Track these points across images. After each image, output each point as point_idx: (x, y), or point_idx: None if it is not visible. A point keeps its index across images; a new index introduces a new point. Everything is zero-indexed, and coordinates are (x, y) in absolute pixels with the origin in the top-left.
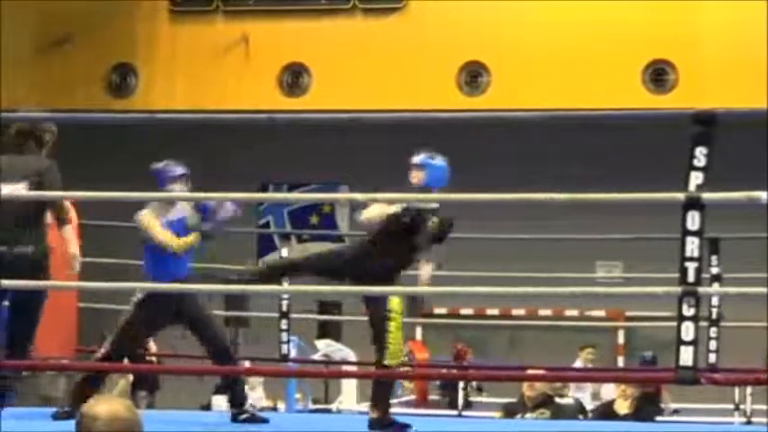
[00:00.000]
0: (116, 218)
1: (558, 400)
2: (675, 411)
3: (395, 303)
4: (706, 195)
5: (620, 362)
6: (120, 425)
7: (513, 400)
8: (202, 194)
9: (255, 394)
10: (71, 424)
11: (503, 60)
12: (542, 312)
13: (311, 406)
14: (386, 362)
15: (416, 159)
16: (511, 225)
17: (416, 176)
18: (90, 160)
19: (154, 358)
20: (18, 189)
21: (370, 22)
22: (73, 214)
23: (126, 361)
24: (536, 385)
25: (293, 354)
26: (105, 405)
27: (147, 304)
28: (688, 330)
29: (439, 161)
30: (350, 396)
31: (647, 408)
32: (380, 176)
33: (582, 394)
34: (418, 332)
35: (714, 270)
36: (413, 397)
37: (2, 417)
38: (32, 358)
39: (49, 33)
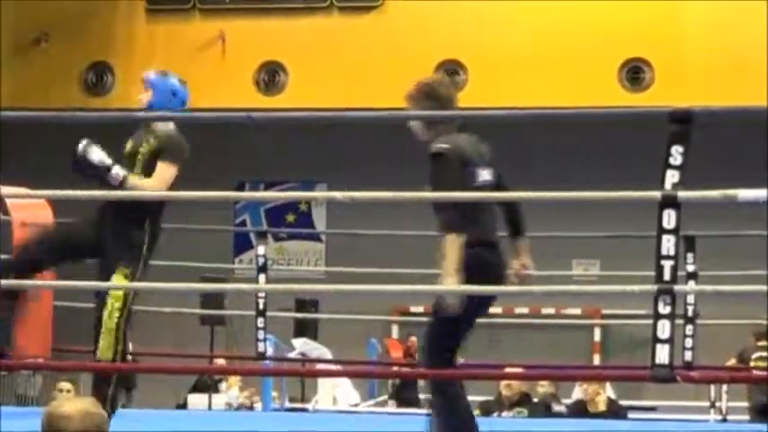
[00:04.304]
0: None
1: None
2: (652, 409)
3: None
4: (682, 194)
5: (597, 360)
6: (93, 420)
7: (490, 398)
8: (178, 193)
9: (232, 393)
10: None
11: (479, 58)
12: (519, 311)
13: (288, 404)
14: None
15: (146, 75)
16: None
17: (144, 95)
18: (66, 159)
19: (129, 357)
20: None
21: (347, 21)
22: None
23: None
24: (513, 384)
25: (270, 352)
26: (73, 404)
27: None
28: (664, 328)
29: (170, 79)
30: (326, 395)
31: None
32: (357, 174)
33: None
34: (394, 330)
35: (690, 268)
36: (384, 396)
37: None
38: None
39: (25, 32)
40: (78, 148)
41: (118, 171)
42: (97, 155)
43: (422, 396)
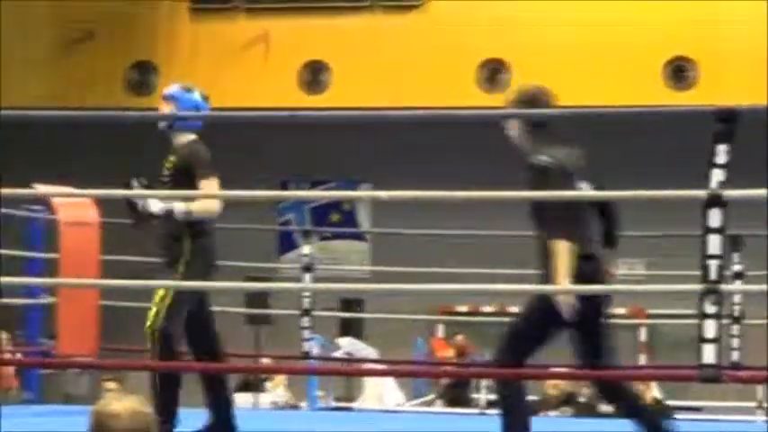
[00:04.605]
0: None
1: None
2: (698, 409)
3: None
4: (727, 192)
5: (643, 360)
6: (142, 419)
7: (536, 398)
8: (223, 193)
9: (278, 392)
10: None
11: (522, 57)
12: None
13: (333, 404)
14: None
15: (165, 91)
16: (527, 222)
17: (166, 109)
18: (110, 158)
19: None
20: None
21: (390, 20)
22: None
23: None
24: (559, 384)
25: (315, 351)
26: (121, 402)
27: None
28: (710, 328)
29: (194, 95)
30: (372, 394)
31: None
32: (402, 173)
33: None
34: (440, 329)
35: (737, 267)
36: (432, 396)
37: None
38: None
39: (69, 31)
40: (138, 205)
41: (180, 208)
42: (155, 204)
43: (475, 396)
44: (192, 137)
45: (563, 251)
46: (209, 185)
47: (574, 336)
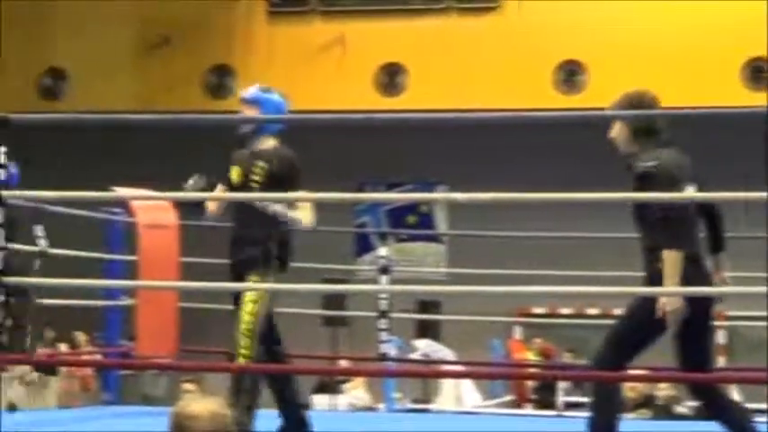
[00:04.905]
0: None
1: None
2: None
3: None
4: None
5: (722, 362)
6: (221, 421)
7: None
8: (300, 195)
9: (355, 393)
10: None
11: (600, 58)
12: None
13: (410, 405)
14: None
15: (247, 94)
16: (604, 223)
17: (248, 113)
18: (188, 161)
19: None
20: None
21: (466, 21)
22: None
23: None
24: (637, 386)
25: (392, 353)
26: (201, 404)
27: None
28: None
29: (275, 95)
30: (449, 396)
31: None
32: (478, 175)
33: None
34: (517, 331)
35: None
36: (510, 397)
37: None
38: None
39: (148, 36)
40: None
41: (285, 212)
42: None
43: (562, 399)
44: (274, 141)
45: (673, 260)
46: (307, 194)
47: (678, 338)
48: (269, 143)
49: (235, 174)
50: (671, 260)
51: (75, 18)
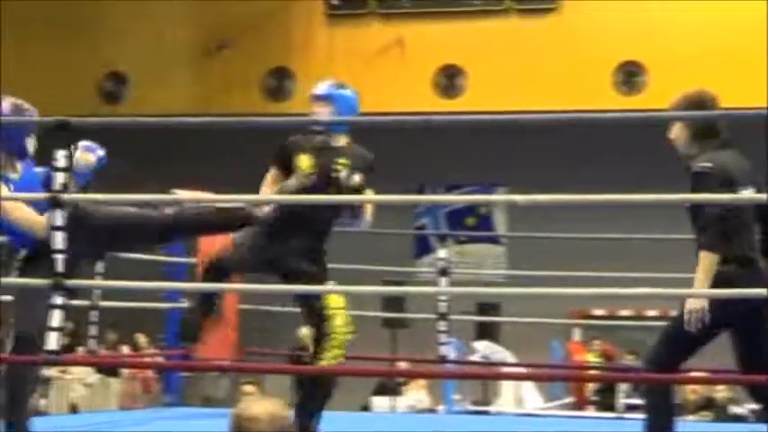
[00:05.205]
0: None
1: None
2: None
3: (333, 300)
4: None
5: None
6: (281, 423)
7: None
8: (360, 197)
9: (415, 395)
10: None
11: (659, 59)
12: None
13: (470, 407)
14: (323, 362)
15: (319, 90)
16: (665, 224)
17: (321, 111)
18: (246, 164)
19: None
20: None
21: (525, 23)
22: None
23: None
24: (698, 388)
25: (452, 355)
26: (262, 405)
27: None
28: None
29: (348, 91)
30: (509, 398)
31: None
32: (538, 176)
33: None
34: (576, 333)
35: None
36: (570, 400)
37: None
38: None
39: (207, 39)
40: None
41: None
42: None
43: (622, 401)
44: (348, 139)
45: (705, 265)
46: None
47: (734, 338)
48: (344, 140)
49: (305, 163)
50: (705, 262)
51: (135, 22)
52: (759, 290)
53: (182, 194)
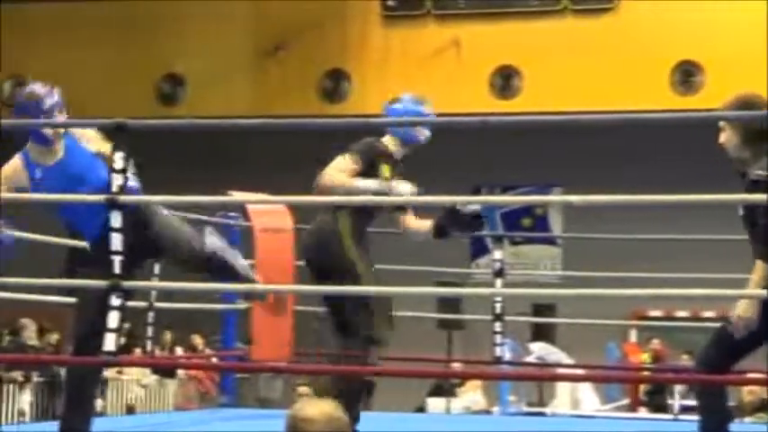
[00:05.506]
0: None
1: None
2: None
3: None
4: None
5: None
6: (337, 425)
7: (732, 403)
8: (416, 198)
9: (470, 396)
10: None
11: (717, 58)
12: None
13: (525, 409)
14: None
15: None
16: (721, 225)
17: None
18: (304, 165)
19: None
20: None
21: (581, 23)
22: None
23: None
24: (755, 390)
25: (507, 356)
26: (316, 407)
27: None
28: None
29: (405, 104)
30: (564, 399)
31: None
32: (594, 178)
33: None
34: (632, 334)
35: None
36: (626, 401)
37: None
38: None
39: (263, 41)
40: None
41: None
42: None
43: (671, 402)
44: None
45: (763, 272)
46: None
47: None
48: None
49: (388, 173)
50: (761, 272)
51: (192, 24)
52: None
53: (237, 196)
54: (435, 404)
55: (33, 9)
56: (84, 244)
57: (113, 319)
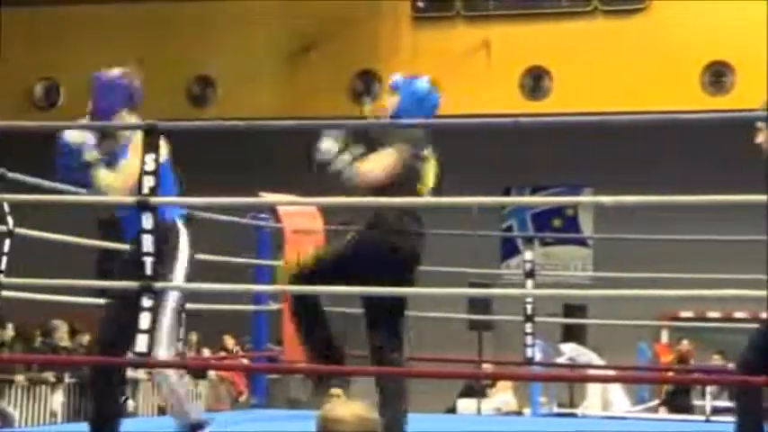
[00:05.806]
0: None
1: None
2: None
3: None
4: None
5: None
6: (368, 425)
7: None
8: (446, 199)
9: (501, 397)
10: None
11: (747, 59)
12: None
13: (556, 410)
14: None
15: (391, 80)
16: (753, 226)
17: (388, 102)
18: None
19: None
20: None
21: (612, 24)
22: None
23: None
24: None
25: (538, 357)
26: (347, 408)
27: None
28: None
29: (419, 82)
30: (595, 400)
31: None
32: (624, 179)
33: None
34: (664, 335)
35: None
36: (656, 402)
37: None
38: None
39: (293, 43)
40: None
41: None
42: None
43: (699, 402)
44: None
45: None
46: None
47: None
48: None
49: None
50: None
51: (222, 26)
52: None
53: (268, 198)
54: (466, 405)
55: (64, 11)
56: (115, 245)
57: (145, 320)
